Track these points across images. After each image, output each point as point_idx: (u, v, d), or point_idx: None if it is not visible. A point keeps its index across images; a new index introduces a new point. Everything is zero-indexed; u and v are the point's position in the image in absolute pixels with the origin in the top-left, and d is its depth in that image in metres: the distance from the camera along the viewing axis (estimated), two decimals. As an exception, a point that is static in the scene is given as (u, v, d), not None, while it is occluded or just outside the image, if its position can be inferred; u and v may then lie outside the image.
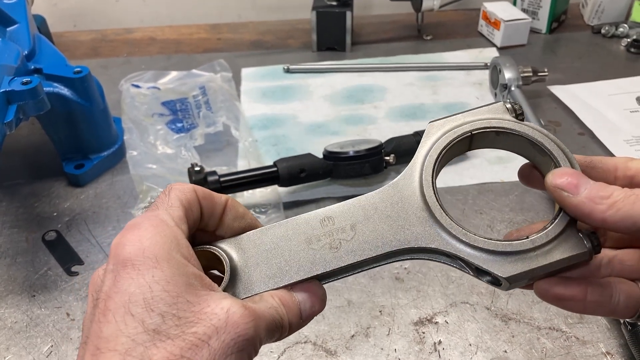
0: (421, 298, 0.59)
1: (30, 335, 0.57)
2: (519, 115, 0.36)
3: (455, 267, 0.36)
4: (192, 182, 0.65)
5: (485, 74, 0.96)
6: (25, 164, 0.79)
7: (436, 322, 0.57)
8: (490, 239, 0.34)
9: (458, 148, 0.37)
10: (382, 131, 0.84)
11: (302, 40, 1.08)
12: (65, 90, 0.70)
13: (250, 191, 0.72)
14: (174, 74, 0.93)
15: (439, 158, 0.36)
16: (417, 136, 0.75)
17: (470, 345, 0.55)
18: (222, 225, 0.36)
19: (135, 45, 1.07)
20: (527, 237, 0.33)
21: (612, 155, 0.76)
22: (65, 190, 0.74)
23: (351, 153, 0.69)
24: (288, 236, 0.35)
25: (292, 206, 0.71)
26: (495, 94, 0.88)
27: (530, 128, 0.36)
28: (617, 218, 0.31)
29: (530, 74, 0.86)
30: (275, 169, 0.69)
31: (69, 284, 0.62)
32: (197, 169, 0.65)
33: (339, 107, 0.89)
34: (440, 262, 0.36)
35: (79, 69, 0.71)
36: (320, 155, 0.72)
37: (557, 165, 0.35)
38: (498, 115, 0.36)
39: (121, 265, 0.30)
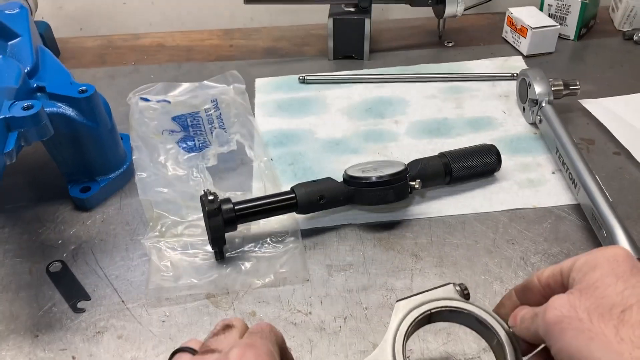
0: (452, 342, 0.55)
1: (33, 381, 0.53)
2: (466, 296, 0.47)
3: None
4: (205, 211, 0.60)
5: (512, 85, 0.91)
6: (28, 185, 0.75)
7: (469, 371, 0.53)
8: None
9: (420, 323, 0.46)
10: (403, 149, 0.79)
11: (317, 47, 1.03)
12: (69, 111, 0.66)
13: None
14: (185, 85, 0.89)
15: (406, 334, 0.44)
16: (444, 158, 0.70)
17: (507, 398, 0.50)
18: None
19: (144, 52, 1.03)
20: None
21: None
22: (71, 215, 0.70)
23: (374, 179, 0.65)
24: None
25: (310, 234, 0.67)
26: (524, 109, 0.83)
27: (477, 307, 0.45)
28: (523, 334, 0.41)
29: (562, 88, 0.81)
30: (293, 195, 0.64)
31: (75, 322, 0.58)
32: (210, 197, 0.60)
33: (357, 121, 0.84)
34: None
35: (84, 88, 0.67)
36: (340, 177, 0.68)
37: (498, 338, 0.44)
38: (450, 295, 0.47)
39: None
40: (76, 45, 1.05)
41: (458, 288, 0.47)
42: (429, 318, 0.46)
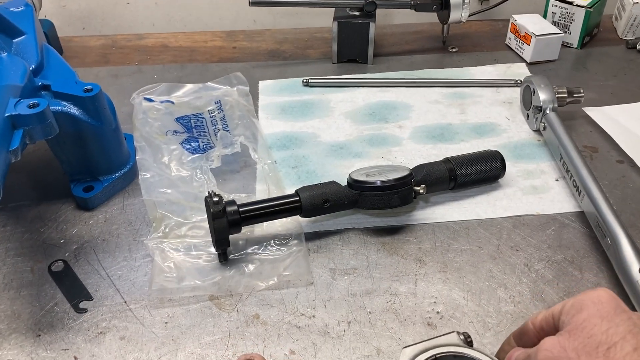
0: None
1: (34, 381, 0.53)
2: (469, 343, 0.49)
3: None
4: (210, 213, 0.60)
5: (515, 92, 0.91)
6: (30, 183, 0.75)
7: (473, 377, 0.52)
8: None
9: None
10: (407, 154, 0.79)
11: (321, 50, 1.03)
12: (74, 110, 0.66)
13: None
14: (188, 86, 0.88)
15: None
16: (448, 163, 0.70)
17: (512, 405, 0.50)
18: None
19: (147, 53, 1.03)
20: None
21: (655, 187, 0.71)
22: (73, 214, 0.70)
23: (378, 183, 0.65)
24: None
25: (314, 237, 0.67)
26: (528, 116, 0.84)
27: (479, 353, 0.47)
28: None
29: (566, 95, 0.82)
30: (297, 198, 0.64)
31: (77, 323, 0.58)
32: (215, 199, 0.60)
33: (361, 125, 0.84)
34: None
35: (89, 87, 0.66)
36: (344, 181, 0.67)
37: None
38: (454, 342, 0.48)
39: None
40: (79, 44, 1.05)
41: (462, 337, 0.50)
42: None
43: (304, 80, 0.93)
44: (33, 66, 0.69)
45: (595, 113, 0.85)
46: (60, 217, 0.70)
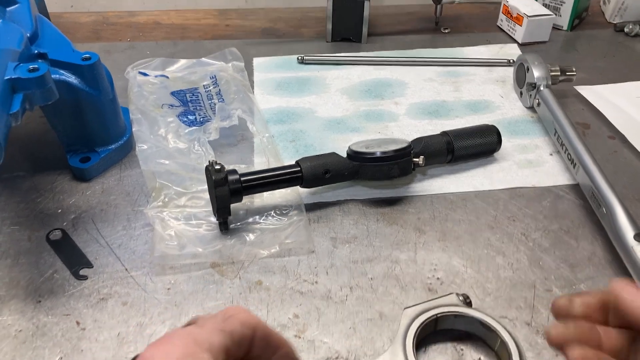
0: None
1: (37, 345, 0.52)
2: (469, 304, 0.52)
3: None
4: (211, 181, 0.60)
5: (507, 71, 0.92)
6: (24, 155, 0.74)
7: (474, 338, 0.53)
8: None
9: (427, 328, 0.51)
10: (404, 129, 0.80)
11: (315, 29, 1.03)
12: (72, 78, 0.65)
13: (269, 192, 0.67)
14: (182, 62, 0.88)
15: (415, 335, 0.49)
16: (446, 136, 0.71)
17: (513, 365, 0.51)
18: None
19: (139, 30, 1.02)
20: None
21: (646, 161, 0.73)
22: (70, 185, 0.69)
23: (378, 154, 0.65)
24: None
25: (314, 208, 0.67)
26: (521, 93, 0.85)
27: (479, 312, 0.50)
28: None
29: (558, 73, 0.83)
30: (298, 168, 0.64)
31: (78, 289, 0.57)
32: (217, 167, 0.60)
33: (357, 102, 0.85)
34: None
35: (87, 55, 0.66)
36: (343, 155, 0.68)
37: (502, 339, 0.49)
38: (454, 302, 0.52)
39: None
40: (70, 20, 1.04)
41: (461, 297, 0.52)
42: (435, 323, 0.51)
43: (299, 58, 0.93)
44: (28, 34, 0.68)
45: (587, 91, 0.86)
46: (57, 188, 0.69)
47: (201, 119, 0.76)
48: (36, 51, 0.66)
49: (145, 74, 0.84)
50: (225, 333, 0.32)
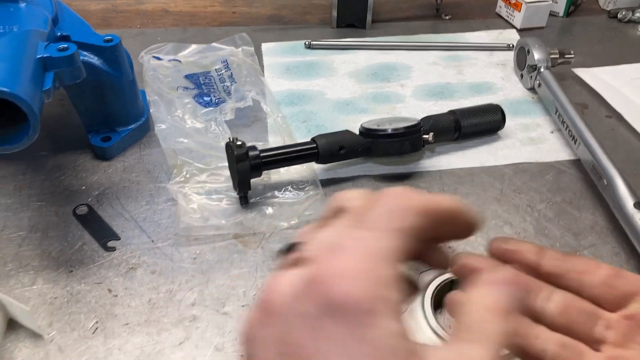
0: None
1: (72, 311, 0.55)
2: None
3: None
4: (233, 157, 0.63)
5: (507, 55, 0.95)
6: (47, 135, 0.76)
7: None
8: None
9: (443, 290, 0.53)
10: (411, 109, 0.83)
11: (319, 16, 1.06)
12: (95, 60, 0.68)
13: (285, 168, 0.70)
14: (194, 47, 0.90)
15: (433, 296, 0.52)
16: (453, 114, 0.74)
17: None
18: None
19: (148, 17, 1.04)
20: None
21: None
22: (92, 164, 0.72)
23: (390, 131, 0.68)
24: None
25: (328, 184, 0.70)
26: (522, 75, 0.88)
27: None
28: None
29: (557, 56, 0.86)
30: (314, 145, 0.67)
31: (107, 260, 0.60)
32: (238, 143, 0.63)
33: (364, 84, 0.88)
34: None
35: (109, 37, 0.68)
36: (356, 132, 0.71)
37: None
38: None
39: (330, 313, 0.22)
40: (79, 7, 1.05)
41: None
42: (450, 285, 0.54)
43: (306, 43, 0.95)
44: (51, 17, 0.70)
45: (584, 73, 0.90)
46: (79, 167, 0.71)
47: (216, 100, 0.79)
48: (59, 33, 0.68)
49: (158, 58, 0.86)
50: (402, 234, 0.26)
